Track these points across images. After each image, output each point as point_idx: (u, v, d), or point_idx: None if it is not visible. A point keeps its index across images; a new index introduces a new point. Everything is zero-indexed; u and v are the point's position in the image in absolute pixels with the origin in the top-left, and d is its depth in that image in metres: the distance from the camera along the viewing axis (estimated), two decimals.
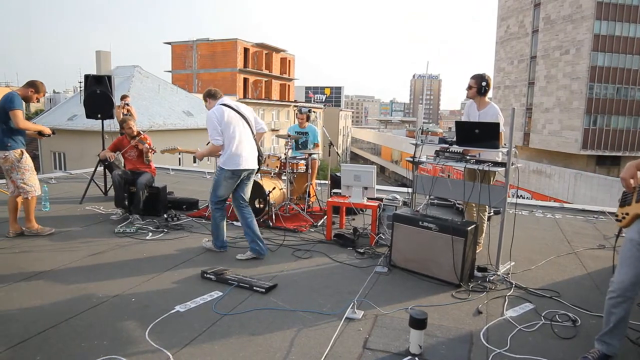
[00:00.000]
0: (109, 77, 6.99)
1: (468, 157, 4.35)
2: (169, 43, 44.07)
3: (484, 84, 4.63)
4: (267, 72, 45.36)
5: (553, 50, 39.07)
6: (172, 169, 10.74)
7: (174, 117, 27.03)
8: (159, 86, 29.64)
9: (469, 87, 4.71)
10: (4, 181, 8.16)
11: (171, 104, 28.62)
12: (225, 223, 4.83)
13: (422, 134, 4.63)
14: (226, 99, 4.76)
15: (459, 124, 4.32)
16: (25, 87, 5.15)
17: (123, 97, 8.18)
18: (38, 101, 5.32)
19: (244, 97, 41.22)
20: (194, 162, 27.91)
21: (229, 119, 4.55)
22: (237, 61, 40.63)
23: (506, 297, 3.80)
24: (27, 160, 5.17)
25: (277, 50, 47.16)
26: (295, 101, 51.60)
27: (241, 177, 4.69)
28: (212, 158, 7.19)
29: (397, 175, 55.21)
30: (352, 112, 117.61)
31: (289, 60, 50.11)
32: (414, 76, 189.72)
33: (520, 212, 6.86)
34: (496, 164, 4.21)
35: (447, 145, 4.43)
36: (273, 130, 42.93)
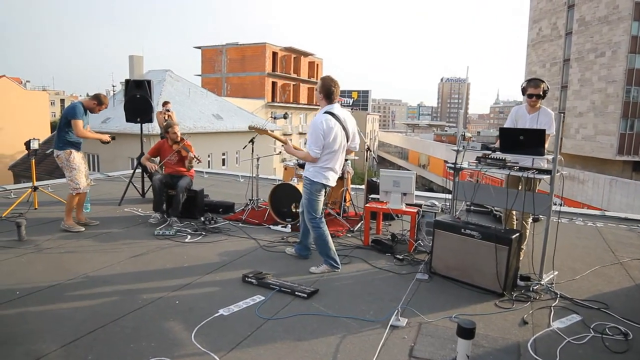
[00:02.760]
0: (149, 82, 7.13)
1: (510, 164, 4.28)
2: (199, 47, 44.77)
3: (545, 88, 4.57)
4: (295, 75, 45.58)
5: (587, 52, 38.06)
6: (207, 172, 10.88)
7: (203, 120, 27.43)
8: (189, 90, 30.15)
9: (533, 96, 4.62)
10: (47, 182, 8.43)
11: (201, 107, 29.07)
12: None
13: (463, 140, 4.56)
14: (337, 108, 4.35)
15: (503, 131, 4.24)
16: (90, 99, 5.69)
17: (165, 104, 8.36)
18: (99, 112, 5.73)
19: (272, 100, 41.54)
20: (223, 164, 28.27)
21: (335, 135, 4.25)
22: (266, 65, 40.96)
23: (551, 308, 3.71)
24: (75, 159, 5.61)
25: (305, 54, 47.36)
26: None
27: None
28: (246, 164, 7.28)
29: (425, 180, 54.67)
30: (380, 116, 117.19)
31: (317, 64, 50.25)
32: (441, 79, 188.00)
33: (559, 220, 6.69)
34: (541, 171, 4.11)
35: (489, 152, 4.36)
36: (301, 133, 43.13)
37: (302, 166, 6.44)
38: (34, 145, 6.70)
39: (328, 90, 4.28)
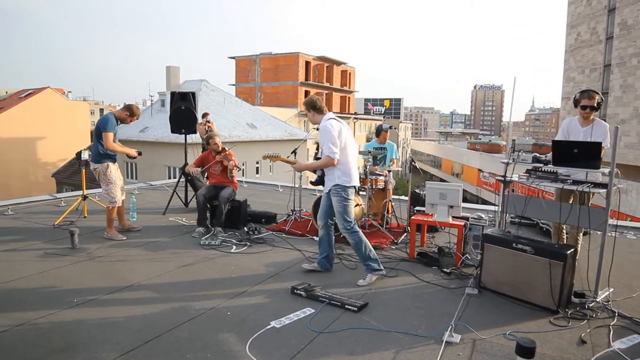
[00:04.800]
0: (193, 94, 7.30)
1: (563, 177, 4.18)
2: (233, 57, 45.53)
3: (600, 100, 4.45)
4: (327, 84, 45.79)
5: (630, 57, 36.84)
6: (246, 182, 11.02)
7: (238, 130, 27.83)
8: (224, 99, 30.68)
9: (587, 107, 4.50)
10: (95, 191, 8.69)
11: (236, 116, 29.51)
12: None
13: (513, 152, 4.47)
14: (333, 115, 4.58)
15: (556, 143, 4.14)
16: (122, 110, 5.88)
17: (205, 115, 8.53)
18: (130, 122, 5.94)
19: None
20: (257, 172, 28.57)
21: (345, 134, 4.45)
22: (299, 74, 41.31)
23: (610, 327, 3.58)
24: (112, 173, 5.78)
25: (338, 63, 47.55)
26: (355, 113, 51.69)
27: None
28: (280, 173, 7.32)
29: None
30: (412, 124, 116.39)
31: (350, 73, 50.37)
32: (475, 87, 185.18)
33: (609, 234, 6.47)
34: (596, 185, 4.00)
35: (540, 165, 4.27)
36: None
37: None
38: (85, 155, 6.93)
39: (314, 104, 4.52)
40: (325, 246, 4.68)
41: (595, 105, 4.45)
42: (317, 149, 4.57)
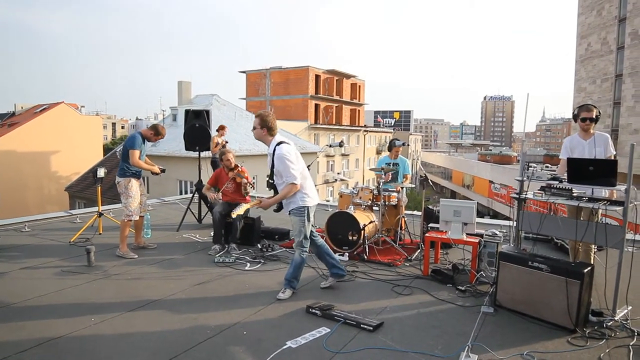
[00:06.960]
0: (207, 112, 7.39)
1: (579, 194, 4.17)
2: (243, 72, 45.97)
3: (597, 113, 4.57)
4: (337, 97, 45.99)
5: None
6: (258, 197, 11.05)
7: (248, 143, 27.98)
8: (235, 113, 30.94)
9: (587, 119, 4.64)
10: (110, 207, 8.79)
11: (246, 130, 29.66)
12: None
13: (527, 169, 4.47)
14: (281, 137, 4.53)
15: (571, 161, 4.14)
16: (148, 129, 6.10)
17: (221, 128, 8.61)
18: (155, 141, 6.12)
19: (315, 122, 41.99)
20: (268, 187, 28.63)
21: (299, 156, 4.50)
22: (309, 88, 41.56)
23: (630, 347, 3.53)
24: (133, 188, 5.93)
25: (348, 76, 47.78)
26: (365, 126, 51.80)
27: None
28: None
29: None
30: (422, 136, 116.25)
31: (359, 86, 50.55)
32: (485, 98, 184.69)
33: (626, 249, 6.38)
34: (613, 202, 3.97)
35: (556, 182, 4.26)
36: (343, 155, 43.25)
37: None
38: (100, 173, 7.03)
39: (268, 124, 4.44)
40: (326, 258, 4.78)
41: (594, 117, 4.64)
42: (271, 177, 4.51)
